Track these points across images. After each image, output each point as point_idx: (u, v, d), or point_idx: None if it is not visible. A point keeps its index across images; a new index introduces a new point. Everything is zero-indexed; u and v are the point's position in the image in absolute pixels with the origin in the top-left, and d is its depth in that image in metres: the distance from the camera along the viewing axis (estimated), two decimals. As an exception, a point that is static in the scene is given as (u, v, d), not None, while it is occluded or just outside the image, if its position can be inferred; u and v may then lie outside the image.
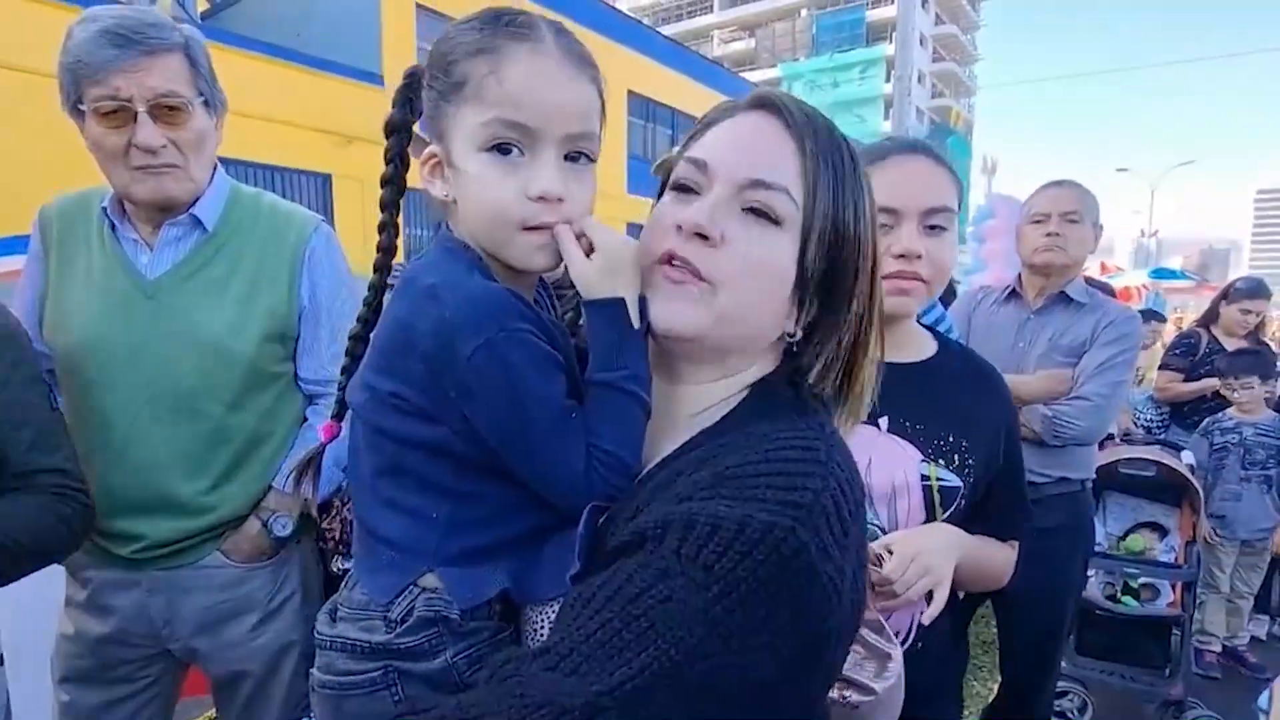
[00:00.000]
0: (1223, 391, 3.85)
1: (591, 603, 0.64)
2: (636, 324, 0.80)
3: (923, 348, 1.37)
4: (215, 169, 1.57)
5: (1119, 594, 3.37)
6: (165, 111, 1.39)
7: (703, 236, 0.76)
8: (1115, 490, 3.56)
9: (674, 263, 0.77)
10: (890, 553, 1.16)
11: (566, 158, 0.81)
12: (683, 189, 0.81)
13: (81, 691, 1.58)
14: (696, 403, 0.83)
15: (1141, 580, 3.37)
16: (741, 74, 29.31)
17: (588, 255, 0.80)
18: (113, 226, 1.51)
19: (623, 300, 0.79)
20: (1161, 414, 4.59)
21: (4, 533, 1.23)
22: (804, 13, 52.34)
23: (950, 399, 1.30)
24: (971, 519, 1.29)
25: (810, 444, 0.73)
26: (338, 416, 0.99)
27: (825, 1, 52.23)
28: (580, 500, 0.75)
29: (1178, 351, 4.42)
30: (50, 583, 1.56)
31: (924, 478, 1.24)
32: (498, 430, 0.75)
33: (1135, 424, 4.66)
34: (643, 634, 0.59)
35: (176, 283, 1.50)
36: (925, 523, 1.24)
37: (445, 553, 0.80)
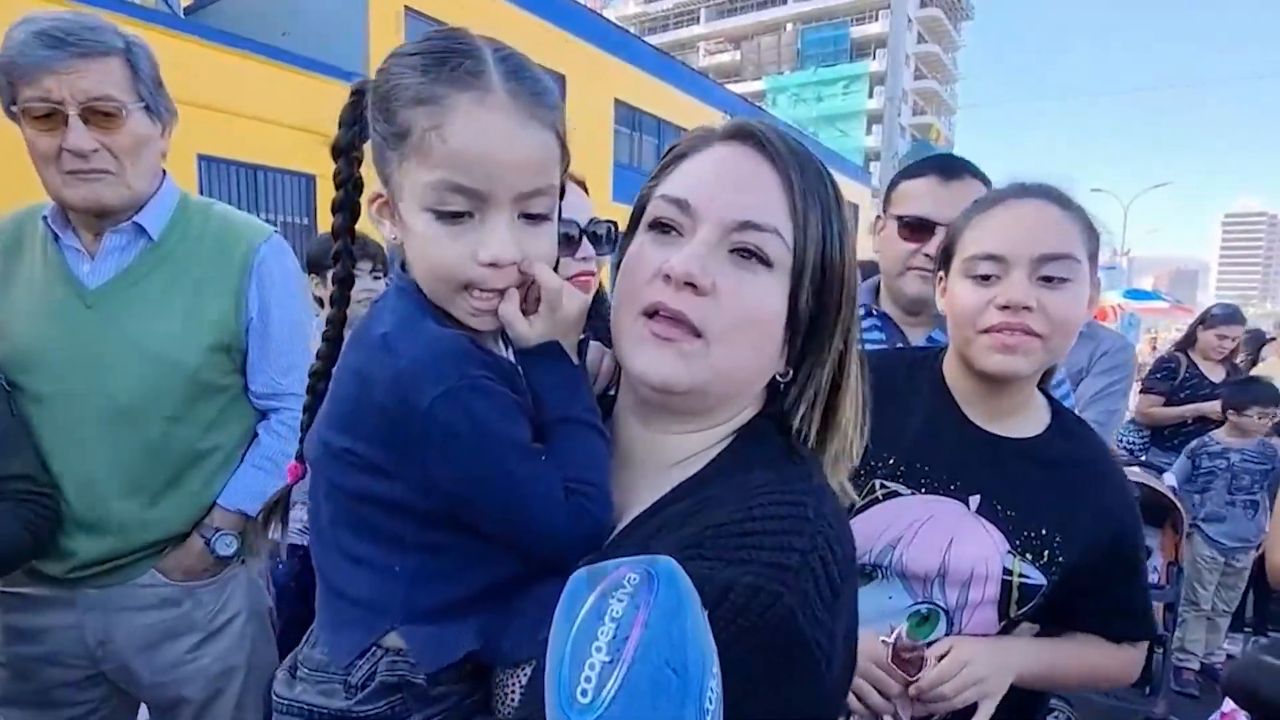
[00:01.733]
0: (1233, 420, 3.89)
1: None
2: (575, 360, 0.80)
3: (1034, 420, 1.23)
4: (164, 178, 1.52)
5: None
6: (98, 116, 1.34)
7: (693, 286, 0.70)
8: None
9: (660, 315, 0.72)
10: (941, 658, 1.11)
11: (524, 215, 0.75)
12: (661, 228, 0.76)
13: (22, 714, 1.52)
14: (679, 450, 0.78)
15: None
16: (727, 85, 29.51)
17: (535, 306, 0.79)
18: (55, 236, 1.46)
19: (555, 342, 0.79)
20: (1143, 436, 4.66)
21: None
22: (789, 27, 52.92)
23: (1052, 487, 1.17)
24: (1084, 620, 1.22)
25: (798, 499, 0.69)
26: (301, 457, 0.93)
27: (810, 17, 52.84)
28: (563, 539, 0.72)
29: (1158, 375, 4.50)
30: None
31: (1006, 570, 1.14)
32: (466, 482, 0.71)
33: (1118, 446, 4.72)
34: None
35: (118, 292, 1.45)
36: (999, 619, 1.16)
37: (411, 608, 0.75)
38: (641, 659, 0.45)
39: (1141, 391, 4.63)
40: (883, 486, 1.20)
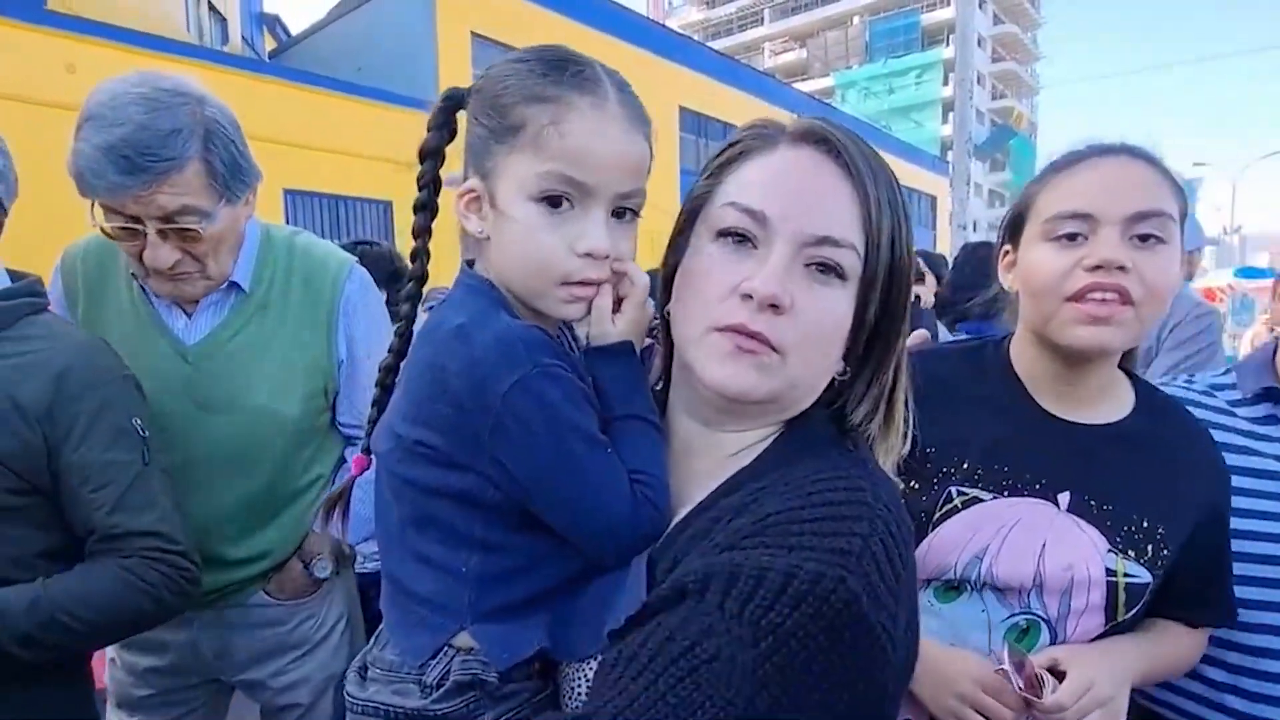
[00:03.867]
0: None
1: (634, 662, 0.60)
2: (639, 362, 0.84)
3: (1119, 403, 1.13)
4: (245, 230, 1.50)
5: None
6: (177, 229, 1.30)
7: (774, 307, 0.71)
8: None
9: (740, 333, 0.73)
10: (1053, 674, 1.02)
11: (614, 213, 0.80)
12: (735, 237, 0.75)
13: (131, 714, 1.61)
14: (735, 445, 0.80)
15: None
16: (794, 84, 29.16)
17: (616, 306, 0.82)
18: (143, 286, 1.44)
19: (630, 342, 0.83)
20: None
21: (69, 612, 1.14)
22: (856, 20, 51.88)
23: (1149, 474, 1.08)
24: (1167, 603, 1.12)
25: (855, 484, 0.69)
26: (369, 450, 0.95)
27: (878, 7, 51.63)
28: (626, 530, 0.74)
29: (1274, 357, 4.15)
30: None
31: (1109, 572, 1.04)
32: (536, 469, 0.73)
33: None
34: (689, 696, 0.56)
35: (216, 348, 1.45)
36: (1105, 623, 1.06)
37: (479, 609, 0.78)
38: None
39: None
40: (960, 494, 1.10)
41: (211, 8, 13.22)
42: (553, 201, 0.77)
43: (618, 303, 0.83)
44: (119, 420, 1.24)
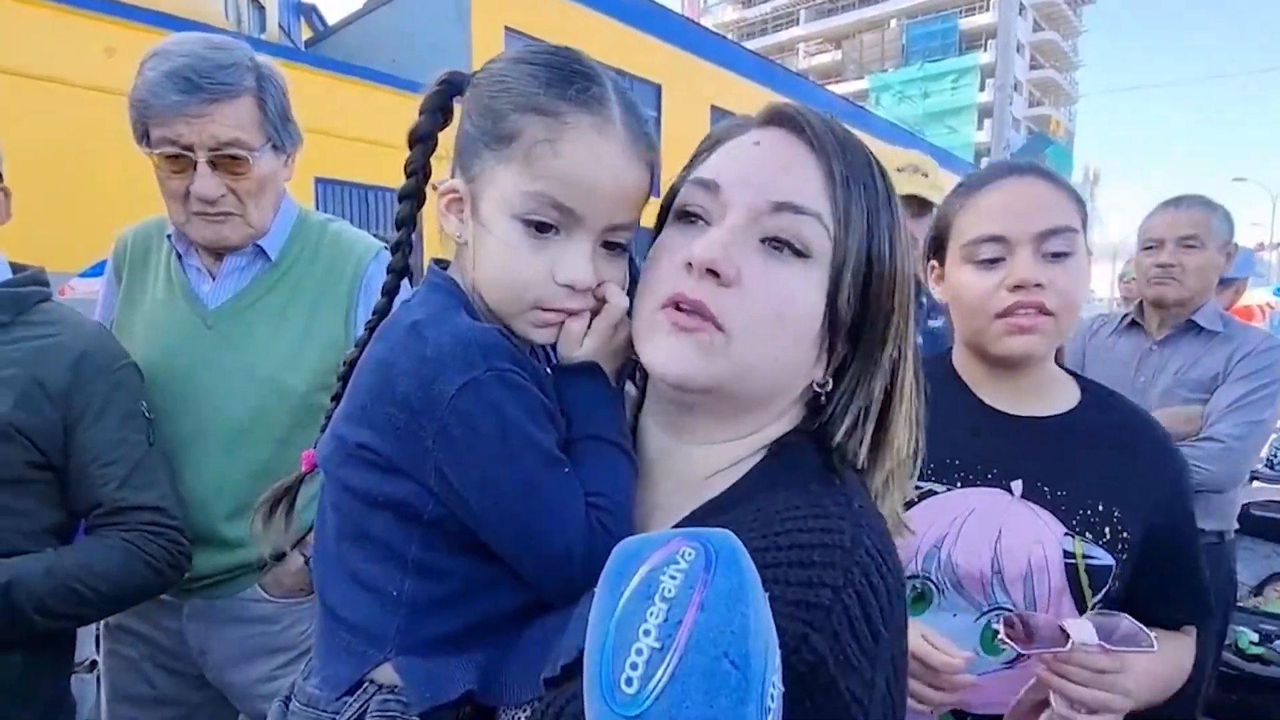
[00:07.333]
0: None
1: None
2: (613, 385, 0.77)
3: (1062, 397, 1.20)
4: (282, 197, 1.55)
5: (1257, 650, 3.03)
6: (226, 160, 1.36)
7: (715, 274, 0.65)
8: (1248, 535, 3.23)
9: (682, 307, 0.66)
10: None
11: (603, 244, 0.74)
12: (689, 217, 0.71)
13: (130, 710, 1.56)
14: (710, 463, 0.72)
15: (1282, 639, 3.03)
16: (828, 86, 28.91)
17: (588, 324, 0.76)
18: (179, 255, 1.51)
19: (595, 363, 0.75)
20: (1300, 450, 4.17)
21: (81, 580, 1.20)
22: (893, 23, 51.38)
23: (1098, 459, 1.13)
24: (1136, 603, 1.11)
25: (832, 525, 0.60)
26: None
27: (915, 11, 51.09)
28: (576, 560, 0.66)
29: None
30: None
31: (1068, 554, 1.08)
32: (479, 481, 0.66)
33: (1272, 463, 4.25)
34: None
35: (236, 313, 1.48)
36: (1075, 608, 1.08)
37: (407, 639, 0.70)
38: (696, 648, 0.39)
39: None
40: (915, 488, 1.14)
41: (251, -4, 13.38)
42: (538, 225, 0.71)
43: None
44: (128, 403, 1.33)
